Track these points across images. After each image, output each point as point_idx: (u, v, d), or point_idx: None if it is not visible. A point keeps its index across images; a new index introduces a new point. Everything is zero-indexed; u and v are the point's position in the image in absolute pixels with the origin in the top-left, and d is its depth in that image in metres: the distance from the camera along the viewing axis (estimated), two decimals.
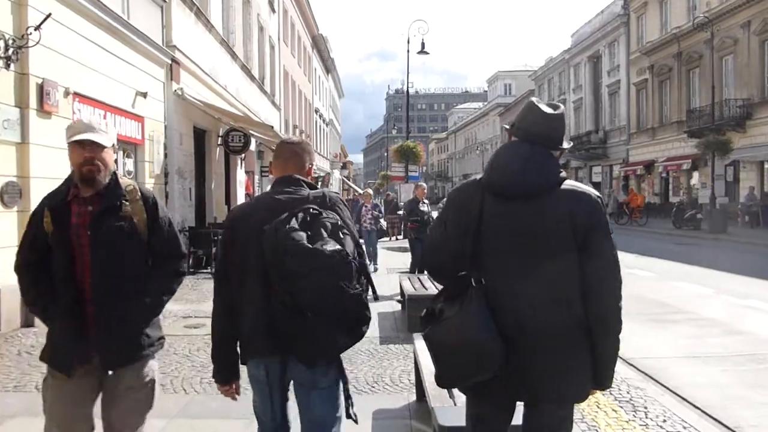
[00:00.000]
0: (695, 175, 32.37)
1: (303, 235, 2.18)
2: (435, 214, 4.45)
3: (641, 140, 38.45)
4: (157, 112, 11.37)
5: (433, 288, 7.37)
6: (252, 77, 20.46)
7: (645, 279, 11.81)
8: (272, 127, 17.81)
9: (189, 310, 8.53)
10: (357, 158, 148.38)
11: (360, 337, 2.36)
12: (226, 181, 17.58)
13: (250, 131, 17.05)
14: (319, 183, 39.61)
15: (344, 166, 60.95)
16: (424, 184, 12.12)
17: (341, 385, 2.46)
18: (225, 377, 2.56)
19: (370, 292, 2.36)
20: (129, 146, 10.36)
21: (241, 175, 18.48)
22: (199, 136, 14.36)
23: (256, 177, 21.48)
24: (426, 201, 11.04)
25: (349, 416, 2.45)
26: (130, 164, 10.38)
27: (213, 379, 2.61)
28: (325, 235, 2.22)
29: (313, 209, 2.30)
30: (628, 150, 40.10)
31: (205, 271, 12.06)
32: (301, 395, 2.46)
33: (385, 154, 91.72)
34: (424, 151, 22.64)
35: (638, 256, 15.38)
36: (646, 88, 37.80)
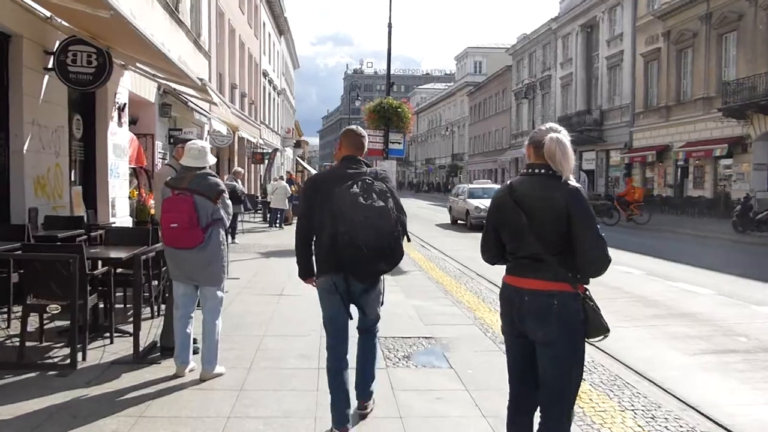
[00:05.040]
0: (722, 163, 26.55)
1: (361, 196, 3.42)
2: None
3: (650, 121, 32.48)
4: None
5: None
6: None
7: None
8: (203, 80, 10.78)
9: None
10: (312, 141, 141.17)
11: (395, 265, 3.61)
12: (86, 146, 10.36)
13: (144, 65, 9.94)
14: (266, 160, 32.51)
15: (298, 145, 53.62)
16: None
17: (382, 291, 3.86)
18: (306, 275, 3.84)
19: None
20: None
21: (120, 135, 11.23)
22: None
23: (158, 143, 14.18)
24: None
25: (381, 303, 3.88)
26: None
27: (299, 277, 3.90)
28: (375, 196, 3.45)
29: (368, 179, 3.53)
30: (631, 133, 34.18)
31: None
32: (356, 300, 3.71)
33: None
34: (413, 114, 15.63)
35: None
36: (659, 58, 31.76)
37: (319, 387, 4.42)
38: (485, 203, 18.84)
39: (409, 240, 3.66)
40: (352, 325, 3.78)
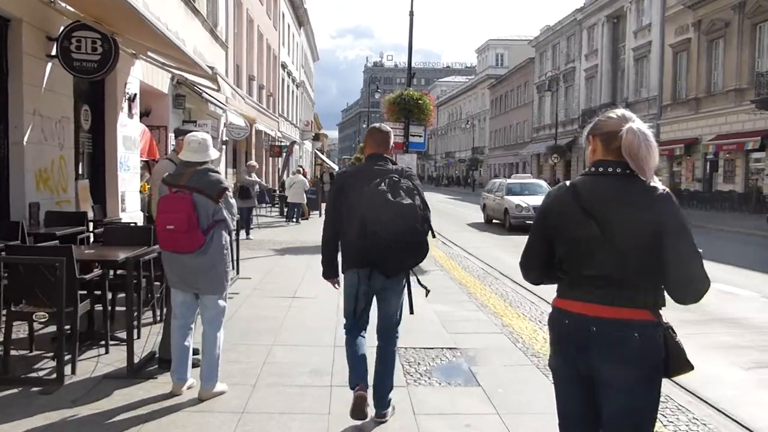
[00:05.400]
0: (754, 157, 25.58)
1: (389, 193, 3.46)
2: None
3: (678, 114, 31.50)
4: None
5: None
6: None
7: None
8: (214, 69, 10.34)
9: None
10: (332, 134, 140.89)
11: (421, 260, 3.66)
12: (95, 138, 9.97)
13: (156, 54, 9.53)
14: (283, 153, 32.08)
15: (317, 138, 53.16)
16: None
17: (406, 287, 3.80)
18: (330, 275, 3.91)
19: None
20: None
21: (130, 127, 10.84)
22: None
23: (172, 135, 13.77)
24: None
25: (411, 311, 3.80)
26: None
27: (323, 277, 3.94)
28: (402, 194, 3.49)
29: (395, 177, 3.57)
30: (658, 125, 33.09)
31: None
32: (379, 295, 3.77)
33: (364, 126, 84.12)
34: (434, 106, 15.03)
35: None
36: (689, 49, 30.73)
37: (332, 410, 3.92)
38: (527, 201, 17.76)
39: (434, 236, 3.73)
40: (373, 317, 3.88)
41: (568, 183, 2.28)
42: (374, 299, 3.80)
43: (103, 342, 4.97)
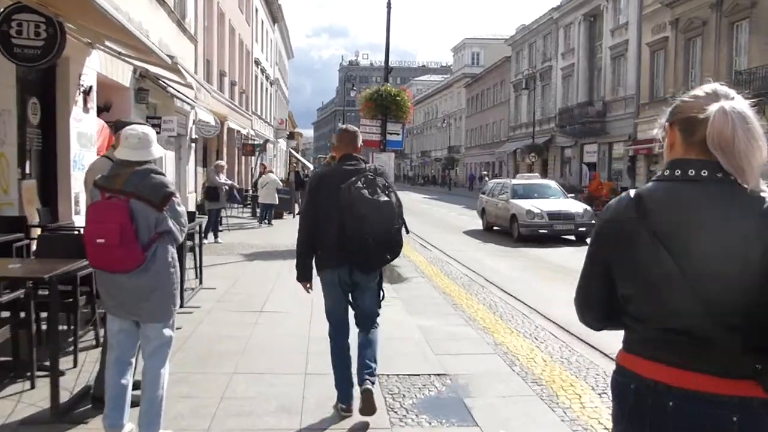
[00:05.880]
0: None
1: (366, 191, 3.55)
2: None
3: (656, 112, 30.47)
4: None
5: None
6: None
7: None
8: (174, 59, 9.51)
9: None
10: (307, 133, 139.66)
11: (398, 255, 3.80)
12: (45, 134, 9.11)
13: (112, 42, 8.70)
14: (257, 151, 31.13)
15: (292, 136, 52.11)
16: None
17: (380, 284, 3.93)
18: (304, 277, 3.89)
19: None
20: None
21: (86, 122, 9.97)
22: None
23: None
24: None
25: (382, 299, 3.96)
26: None
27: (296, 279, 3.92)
28: (378, 191, 3.59)
29: (370, 175, 3.67)
30: (636, 124, 32.99)
31: None
32: (357, 294, 3.85)
33: (339, 123, 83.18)
34: (411, 102, 14.35)
35: None
36: (666, 48, 30.54)
37: None
38: (539, 206, 15.14)
39: (408, 231, 3.90)
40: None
41: (632, 193, 1.58)
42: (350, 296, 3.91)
43: (30, 373, 4.18)
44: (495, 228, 17.42)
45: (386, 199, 3.59)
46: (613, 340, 1.78)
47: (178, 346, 5.04)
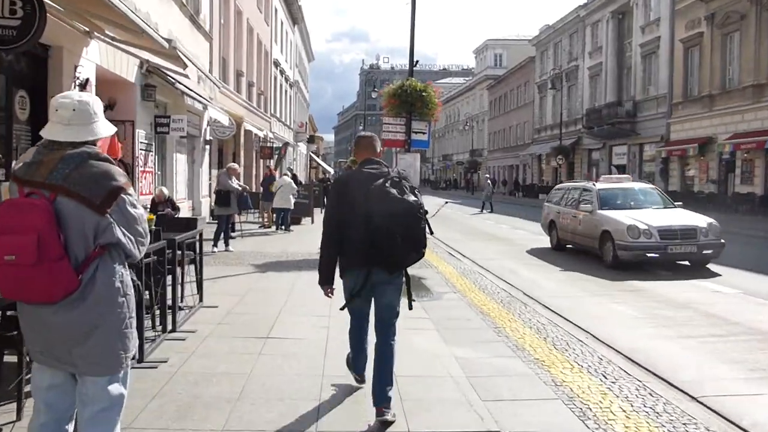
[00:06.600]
0: None
1: (395, 191, 3.66)
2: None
3: (690, 112, 29.85)
4: None
5: None
6: None
7: None
8: (172, 42, 8.59)
9: None
10: (328, 138, 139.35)
11: (422, 256, 3.85)
12: (36, 130, 8.25)
13: (102, 23, 7.81)
14: (275, 154, 30.27)
15: (312, 140, 51.34)
16: None
17: (405, 283, 3.97)
18: (327, 281, 3.92)
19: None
20: None
21: None
22: None
23: (141, 132, 12.00)
24: None
25: (410, 306, 4.00)
26: None
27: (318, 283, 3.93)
28: (406, 192, 3.70)
29: (396, 177, 3.75)
30: (668, 124, 31.58)
31: None
32: (379, 289, 3.87)
33: (360, 127, 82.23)
34: (439, 99, 13.28)
35: None
36: (701, 44, 29.10)
37: None
38: (645, 219, 11.05)
39: (432, 233, 3.86)
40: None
41: None
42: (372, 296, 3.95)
43: None
44: (568, 246, 13.52)
45: (414, 199, 3.69)
46: (706, 379, 0.72)
47: (157, 389, 4.03)
